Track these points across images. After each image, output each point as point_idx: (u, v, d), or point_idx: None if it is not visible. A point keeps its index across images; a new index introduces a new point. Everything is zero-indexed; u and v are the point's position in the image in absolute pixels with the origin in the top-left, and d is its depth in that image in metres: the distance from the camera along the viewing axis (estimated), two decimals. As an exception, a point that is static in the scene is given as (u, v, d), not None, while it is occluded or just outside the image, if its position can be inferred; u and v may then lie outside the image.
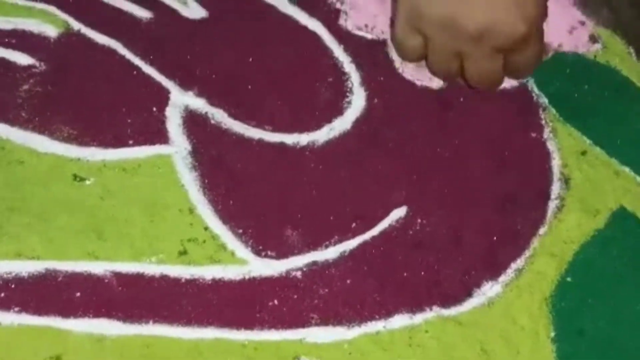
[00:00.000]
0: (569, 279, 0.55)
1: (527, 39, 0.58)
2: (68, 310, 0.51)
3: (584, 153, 0.61)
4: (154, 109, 0.58)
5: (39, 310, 0.51)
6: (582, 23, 0.69)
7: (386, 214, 0.57)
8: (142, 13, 0.63)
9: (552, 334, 0.53)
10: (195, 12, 0.64)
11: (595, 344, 0.53)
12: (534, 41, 0.60)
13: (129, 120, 0.58)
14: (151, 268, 0.52)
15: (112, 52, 0.61)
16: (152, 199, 0.55)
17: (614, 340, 0.53)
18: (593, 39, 0.68)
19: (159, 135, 0.57)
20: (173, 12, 0.64)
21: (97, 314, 0.51)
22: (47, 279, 0.52)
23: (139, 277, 0.52)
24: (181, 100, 0.59)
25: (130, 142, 0.57)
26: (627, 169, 0.61)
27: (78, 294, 0.51)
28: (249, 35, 0.64)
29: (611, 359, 0.53)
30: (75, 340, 0.50)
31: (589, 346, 0.53)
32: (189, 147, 0.57)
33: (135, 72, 0.60)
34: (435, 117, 0.62)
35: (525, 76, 0.64)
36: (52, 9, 0.62)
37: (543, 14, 0.59)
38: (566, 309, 0.54)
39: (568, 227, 0.57)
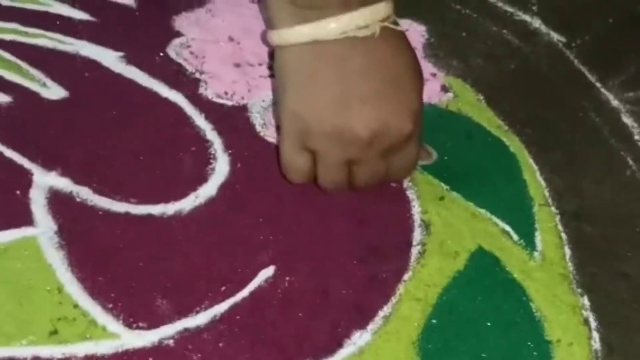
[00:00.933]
0: (434, 322, 0.57)
1: (412, 136, 0.58)
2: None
3: (442, 198, 0.64)
4: (18, 192, 0.59)
5: None
6: (434, 75, 0.72)
7: (255, 275, 0.58)
8: (1, 98, 0.64)
9: (420, 376, 0.55)
10: (55, 92, 0.66)
11: (461, 381, 0.55)
12: (415, 138, 0.59)
13: (-7, 206, 0.58)
14: (22, 351, 0.52)
15: (-28, 139, 0.61)
16: (20, 281, 0.55)
17: (478, 377, 0.55)
18: (444, 88, 0.72)
19: (24, 218, 0.58)
20: (32, 95, 0.65)
21: (-32, 403, 0.50)
22: None
23: (10, 362, 0.52)
24: (44, 181, 0.60)
25: (-5, 227, 0.57)
26: (483, 211, 0.63)
27: (-54, 385, 0.50)
28: (110, 111, 0.65)
29: (475, 395, 0.55)
30: None
31: (455, 384, 0.55)
32: (54, 227, 0.58)
33: (-4, 158, 0.60)
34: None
35: (404, 176, 0.64)
36: None
37: (422, 109, 0.59)
38: (432, 350, 0.56)
39: (430, 271, 0.60)
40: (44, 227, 0.58)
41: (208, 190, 0.62)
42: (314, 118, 0.56)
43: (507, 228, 0.63)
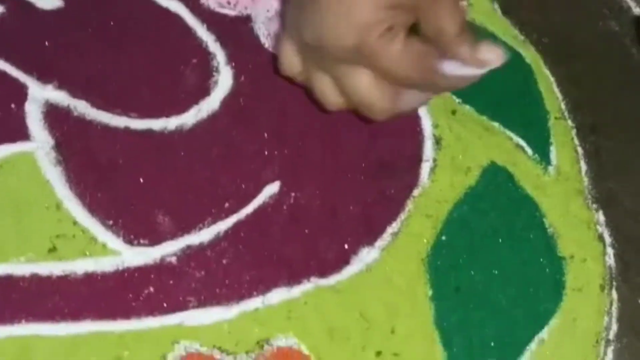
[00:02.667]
0: (443, 238, 0.56)
1: (359, 51, 0.49)
2: None
3: (453, 112, 0.62)
4: (12, 105, 0.57)
5: None
6: (446, -17, 0.69)
7: (259, 191, 0.56)
8: (-7, 9, 0.61)
9: (430, 293, 0.54)
10: (49, 2, 0.63)
11: (471, 299, 0.54)
12: (370, 62, 0.50)
13: (-14, 120, 0.56)
14: (20, 268, 0.51)
15: (-36, 52, 0.59)
16: (17, 198, 0.53)
17: (488, 295, 0.54)
18: (458, -3, 0.68)
19: (20, 133, 0.56)
20: (26, 5, 0.62)
21: (-33, 320, 0.48)
22: None
23: (8, 279, 0.51)
24: (40, 94, 0.58)
25: (-11, 142, 0.55)
26: (496, 124, 0.61)
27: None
28: (108, 22, 0.63)
29: (486, 312, 0.54)
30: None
31: (465, 302, 0.54)
32: (51, 142, 0.56)
33: (-11, 70, 0.58)
34: (304, 89, 0.61)
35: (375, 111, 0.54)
36: None
37: (378, 24, 0.49)
38: (442, 267, 0.55)
39: (441, 187, 0.58)
40: (40, 142, 0.56)
41: (211, 104, 0.60)
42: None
43: (521, 142, 0.61)
